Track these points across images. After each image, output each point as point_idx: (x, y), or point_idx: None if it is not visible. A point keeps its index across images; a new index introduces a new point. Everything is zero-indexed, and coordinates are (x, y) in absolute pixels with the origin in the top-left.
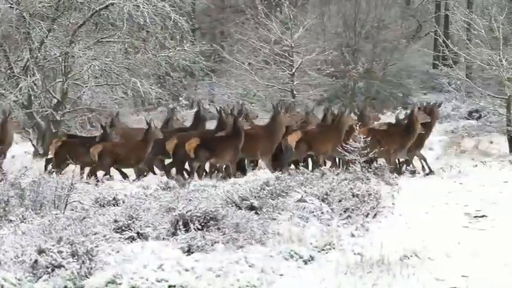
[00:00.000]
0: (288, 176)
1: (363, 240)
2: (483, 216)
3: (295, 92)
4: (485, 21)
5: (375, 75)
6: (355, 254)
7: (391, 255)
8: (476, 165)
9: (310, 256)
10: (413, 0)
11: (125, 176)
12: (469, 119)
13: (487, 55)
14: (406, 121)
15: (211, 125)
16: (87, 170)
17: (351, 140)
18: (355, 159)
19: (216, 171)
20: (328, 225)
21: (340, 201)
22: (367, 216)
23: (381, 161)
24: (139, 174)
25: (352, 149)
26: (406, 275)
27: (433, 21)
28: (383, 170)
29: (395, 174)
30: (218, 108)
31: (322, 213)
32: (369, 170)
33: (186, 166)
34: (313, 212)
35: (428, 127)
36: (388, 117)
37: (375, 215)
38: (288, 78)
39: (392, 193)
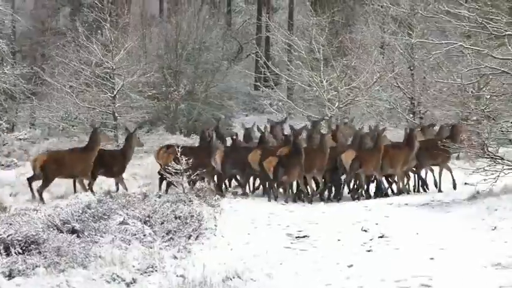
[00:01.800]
0: (109, 199)
1: (186, 262)
2: (305, 236)
3: (116, 115)
4: (306, 42)
5: (197, 97)
6: (177, 276)
7: (213, 276)
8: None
9: (133, 279)
10: (234, 22)
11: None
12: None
13: (307, 76)
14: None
15: None
16: None
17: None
18: (177, 181)
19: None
20: (151, 248)
21: (162, 223)
22: (189, 238)
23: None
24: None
25: (175, 170)
26: None
27: (254, 43)
28: (205, 191)
29: (217, 196)
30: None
31: (144, 235)
32: (192, 191)
33: None
34: (135, 235)
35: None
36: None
37: (197, 236)
38: (110, 100)
39: (214, 215)
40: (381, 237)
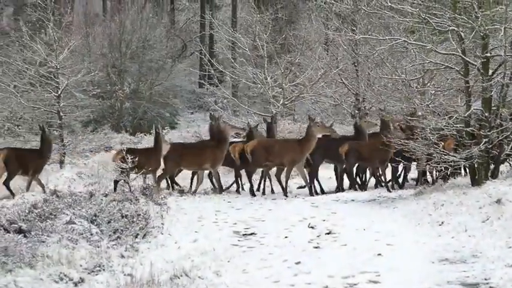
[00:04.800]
0: (56, 198)
1: (133, 261)
2: (252, 233)
3: (61, 114)
4: (250, 39)
5: (142, 95)
6: (125, 275)
7: (161, 275)
8: (245, 183)
9: (80, 278)
10: (177, 20)
11: None
12: (236, 137)
13: (252, 73)
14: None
15: None
16: None
17: None
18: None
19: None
20: (98, 247)
21: (109, 222)
22: (136, 236)
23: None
24: None
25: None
26: None
27: (198, 41)
28: (151, 190)
29: (163, 195)
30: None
31: (91, 234)
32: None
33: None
34: (82, 234)
35: None
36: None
37: (145, 235)
38: (54, 100)
39: (161, 213)
40: (328, 233)
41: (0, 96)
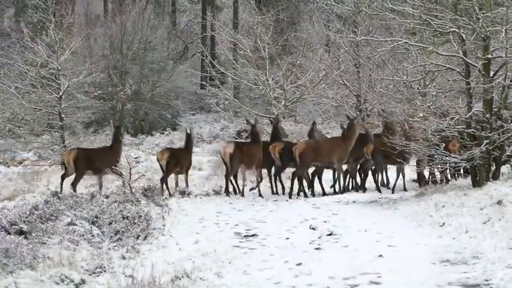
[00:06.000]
0: (57, 200)
1: (134, 263)
2: (253, 235)
3: (63, 115)
4: (251, 41)
5: (143, 96)
6: (126, 276)
7: (162, 276)
8: (246, 185)
9: (82, 280)
10: (179, 21)
11: None
12: (237, 139)
13: (253, 74)
14: None
15: None
16: None
17: None
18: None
19: None
20: (99, 248)
21: (110, 223)
22: (137, 238)
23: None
24: None
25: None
26: None
27: (199, 42)
28: (153, 191)
29: (165, 196)
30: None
31: (92, 236)
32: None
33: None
34: (83, 235)
35: None
36: (157, 138)
37: (146, 236)
38: (56, 101)
39: (162, 214)
40: (330, 235)
41: (1, 98)
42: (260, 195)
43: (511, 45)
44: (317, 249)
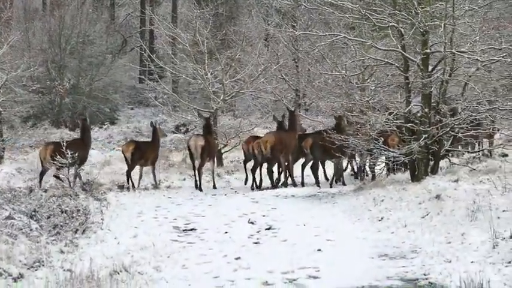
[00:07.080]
0: None
1: (72, 257)
2: (192, 229)
3: (1, 109)
4: (190, 35)
5: (82, 90)
6: (64, 270)
7: (101, 270)
8: (184, 179)
9: (20, 274)
10: (117, 15)
11: None
12: (176, 133)
13: (192, 69)
14: None
15: None
16: None
17: None
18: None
19: None
20: (37, 242)
21: (48, 217)
22: (76, 232)
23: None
24: None
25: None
26: None
27: (138, 36)
28: (91, 185)
29: (103, 190)
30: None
31: (31, 230)
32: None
33: None
34: (21, 229)
35: None
36: (95, 132)
37: (84, 230)
38: None
39: (101, 208)
40: (268, 229)
41: None
42: (200, 188)
43: (449, 40)
44: (256, 243)
